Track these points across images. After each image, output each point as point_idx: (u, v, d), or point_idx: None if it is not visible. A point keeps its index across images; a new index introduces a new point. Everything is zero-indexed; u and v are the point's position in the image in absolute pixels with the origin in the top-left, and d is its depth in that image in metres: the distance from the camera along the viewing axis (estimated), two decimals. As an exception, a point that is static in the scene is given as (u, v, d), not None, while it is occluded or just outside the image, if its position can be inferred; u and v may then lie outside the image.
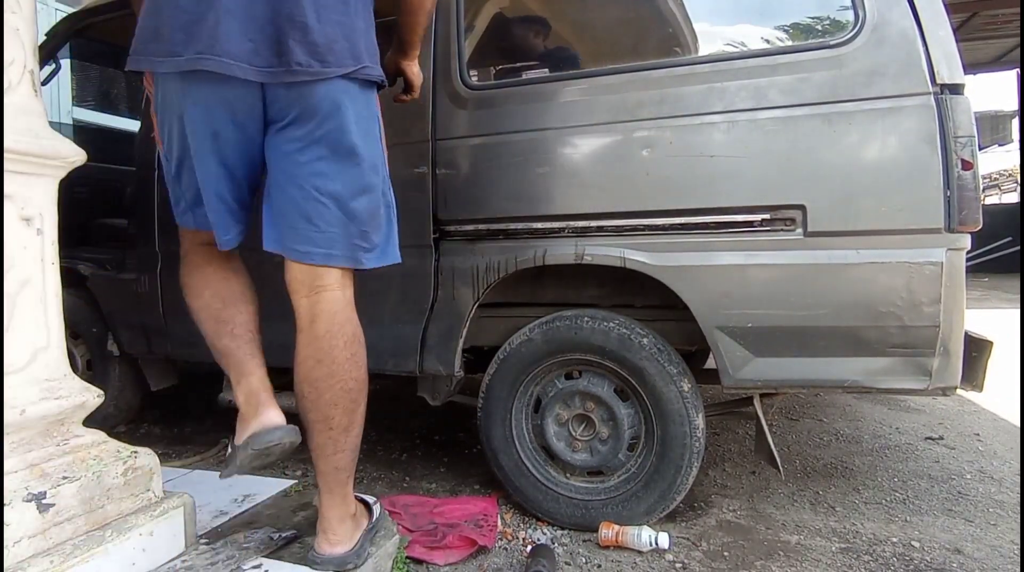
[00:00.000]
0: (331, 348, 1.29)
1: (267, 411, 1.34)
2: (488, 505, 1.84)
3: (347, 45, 1.24)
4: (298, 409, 1.33)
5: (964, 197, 1.41)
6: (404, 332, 1.86)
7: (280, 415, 1.37)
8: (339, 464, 1.31)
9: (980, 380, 1.57)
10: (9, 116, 1.12)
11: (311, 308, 1.30)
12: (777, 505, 1.91)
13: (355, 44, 1.26)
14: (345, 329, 1.31)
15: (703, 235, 1.59)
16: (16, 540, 1.03)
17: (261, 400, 1.35)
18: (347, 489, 1.35)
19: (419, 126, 1.84)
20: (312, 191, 1.26)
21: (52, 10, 4.44)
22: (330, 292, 1.30)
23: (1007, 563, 1.57)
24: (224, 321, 1.40)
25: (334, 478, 1.32)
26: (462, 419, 2.64)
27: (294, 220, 1.28)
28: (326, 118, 1.24)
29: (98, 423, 1.35)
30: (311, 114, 1.24)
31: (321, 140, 1.25)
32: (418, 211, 1.83)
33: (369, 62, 1.29)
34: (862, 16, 1.50)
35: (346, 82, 1.25)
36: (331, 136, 1.25)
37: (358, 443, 1.35)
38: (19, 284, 1.15)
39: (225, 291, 1.42)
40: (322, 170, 1.26)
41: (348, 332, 1.31)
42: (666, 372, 1.64)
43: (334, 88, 1.23)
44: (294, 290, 1.31)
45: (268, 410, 1.34)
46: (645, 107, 1.64)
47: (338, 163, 1.27)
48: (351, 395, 1.31)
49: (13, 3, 1.16)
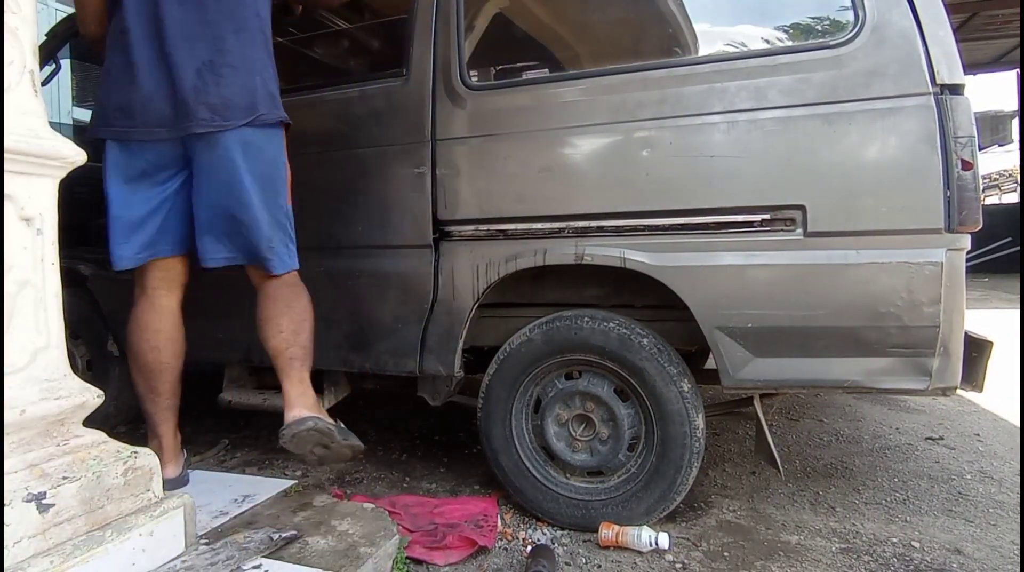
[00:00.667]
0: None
1: (165, 466, 1.66)
2: (488, 505, 1.84)
3: (245, 102, 1.62)
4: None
5: (964, 197, 1.41)
6: (404, 332, 1.86)
7: (174, 470, 1.78)
8: (293, 355, 1.69)
9: (980, 380, 1.57)
10: (9, 116, 1.12)
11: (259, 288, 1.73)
12: (777, 505, 1.90)
13: (252, 99, 1.63)
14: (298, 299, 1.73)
15: (703, 235, 1.59)
16: (16, 540, 1.03)
17: (165, 458, 1.71)
18: (303, 375, 1.70)
19: (419, 126, 1.84)
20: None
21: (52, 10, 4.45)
22: (271, 279, 1.71)
23: (1007, 563, 1.57)
24: (152, 389, 1.80)
25: (290, 365, 1.68)
26: (462, 419, 2.64)
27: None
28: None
29: (98, 423, 1.35)
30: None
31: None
32: (418, 211, 1.83)
33: (265, 110, 1.64)
34: (862, 16, 1.49)
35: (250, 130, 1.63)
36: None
37: (308, 344, 1.71)
38: (19, 284, 1.14)
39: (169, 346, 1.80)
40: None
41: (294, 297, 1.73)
42: (666, 372, 1.64)
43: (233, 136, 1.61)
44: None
45: (166, 466, 1.70)
46: (645, 107, 1.64)
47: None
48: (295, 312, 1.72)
49: (13, 3, 1.16)
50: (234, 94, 1.60)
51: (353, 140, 1.97)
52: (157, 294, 1.76)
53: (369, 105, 1.96)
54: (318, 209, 2.00)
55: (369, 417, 2.88)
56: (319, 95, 2.07)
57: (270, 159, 1.68)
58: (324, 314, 2.00)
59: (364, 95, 1.97)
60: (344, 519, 1.54)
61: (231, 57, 1.61)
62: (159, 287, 1.76)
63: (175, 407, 1.82)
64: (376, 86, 1.96)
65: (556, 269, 1.77)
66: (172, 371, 1.79)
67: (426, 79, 1.84)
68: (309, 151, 2.05)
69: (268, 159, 1.67)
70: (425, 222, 1.83)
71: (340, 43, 2.77)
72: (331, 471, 2.24)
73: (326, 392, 2.14)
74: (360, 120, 1.97)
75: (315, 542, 1.42)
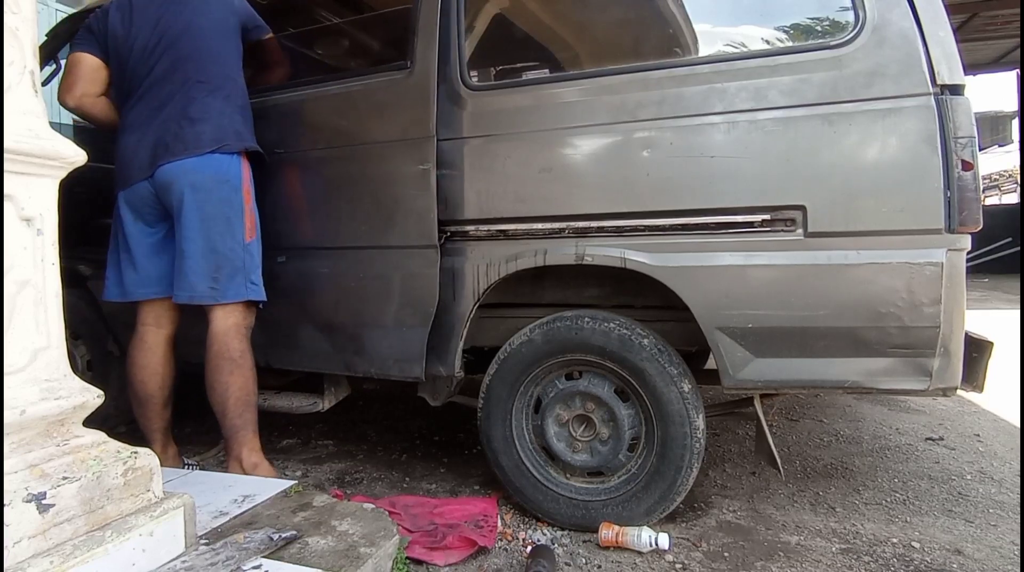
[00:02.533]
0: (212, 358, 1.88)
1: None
2: (488, 505, 1.84)
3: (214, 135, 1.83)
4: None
5: (964, 198, 1.41)
6: (410, 336, 1.85)
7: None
8: (226, 434, 1.88)
9: (980, 381, 1.57)
10: (9, 116, 1.12)
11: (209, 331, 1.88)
12: (777, 506, 1.90)
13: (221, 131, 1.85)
14: (217, 347, 1.85)
15: (704, 236, 1.59)
16: (16, 540, 1.03)
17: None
18: (238, 452, 1.87)
19: (423, 127, 1.83)
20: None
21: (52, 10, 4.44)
22: (214, 322, 1.86)
23: (1007, 564, 1.57)
24: (142, 414, 2.01)
25: (232, 437, 1.87)
26: (462, 419, 2.64)
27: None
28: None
29: (98, 423, 1.34)
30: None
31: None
32: (423, 213, 1.82)
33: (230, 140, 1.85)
34: (862, 17, 1.49)
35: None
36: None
37: (237, 423, 1.86)
38: (19, 285, 1.14)
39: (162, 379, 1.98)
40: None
41: (213, 350, 1.86)
42: (666, 373, 1.64)
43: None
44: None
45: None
46: (646, 108, 1.64)
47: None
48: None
49: (13, 3, 1.16)
50: (190, 134, 1.82)
51: (356, 135, 1.96)
52: (146, 330, 1.95)
53: (372, 99, 1.94)
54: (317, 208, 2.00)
55: (369, 417, 2.88)
56: (321, 90, 2.06)
57: (220, 198, 1.83)
58: (325, 317, 2.00)
59: (367, 89, 1.96)
60: (344, 519, 1.54)
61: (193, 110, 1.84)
62: (150, 323, 1.95)
63: (163, 429, 2.02)
64: (380, 79, 1.95)
65: (556, 269, 1.77)
66: (157, 401, 1.97)
67: (428, 79, 1.83)
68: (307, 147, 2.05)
69: (217, 198, 1.82)
70: (431, 223, 1.81)
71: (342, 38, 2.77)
72: (331, 472, 2.24)
73: (326, 392, 2.15)
74: (363, 115, 1.96)
75: (315, 542, 1.42)
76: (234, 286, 1.84)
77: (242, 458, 1.87)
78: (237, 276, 1.84)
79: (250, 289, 1.87)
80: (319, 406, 2.12)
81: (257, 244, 1.91)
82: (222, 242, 1.83)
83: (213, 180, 1.82)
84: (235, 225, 1.85)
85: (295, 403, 2.13)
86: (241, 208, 1.86)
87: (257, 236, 1.91)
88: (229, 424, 1.86)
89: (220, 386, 1.85)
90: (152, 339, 1.95)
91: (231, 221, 1.84)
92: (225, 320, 1.86)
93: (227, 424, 1.86)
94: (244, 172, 1.88)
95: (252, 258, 1.89)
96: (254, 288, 1.88)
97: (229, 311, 1.86)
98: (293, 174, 2.06)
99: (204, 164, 1.81)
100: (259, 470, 1.87)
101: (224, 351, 1.85)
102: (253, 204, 1.91)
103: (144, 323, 1.95)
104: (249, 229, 1.88)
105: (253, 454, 1.88)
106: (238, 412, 1.85)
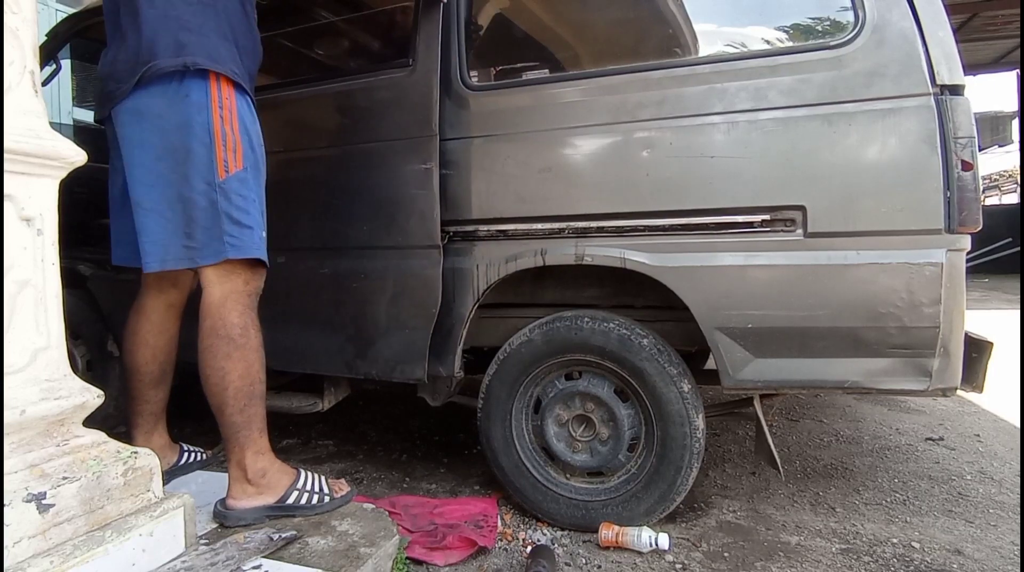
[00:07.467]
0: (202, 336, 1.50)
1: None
2: (488, 506, 1.84)
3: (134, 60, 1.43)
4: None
5: (964, 198, 1.41)
6: (412, 338, 1.84)
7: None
8: (225, 434, 1.51)
9: (980, 381, 1.57)
10: (9, 116, 1.12)
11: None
12: (777, 506, 1.90)
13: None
14: (211, 322, 1.48)
15: (703, 236, 1.59)
16: (16, 540, 1.03)
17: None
18: (240, 457, 1.51)
19: (426, 126, 1.82)
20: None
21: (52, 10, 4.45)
22: (205, 290, 1.48)
23: (1007, 564, 1.57)
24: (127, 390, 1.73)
25: (232, 438, 1.50)
26: (462, 419, 2.64)
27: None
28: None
29: (98, 423, 1.35)
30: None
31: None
32: (426, 212, 1.81)
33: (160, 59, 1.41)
34: (862, 17, 1.50)
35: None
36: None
37: (237, 421, 1.50)
38: (19, 284, 1.14)
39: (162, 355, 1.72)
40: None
41: (206, 326, 1.48)
42: (666, 373, 1.64)
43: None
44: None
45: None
46: (645, 108, 1.64)
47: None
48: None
49: (13, 3, 1.16)
50: (126, 56, 1.44)
51: (357, 134, 1.95)
52: (145, 294, 1.70)
53: (374, 98, 1.93)
54: (317, 207, 2.00)
55: (369, 417, 2.88)
56: (322, 87, 2.06)
57: (175, 126, 1.42)
58: (326, 318, 2.00)
59: (369, 88, 1.95)
60: (344, 519, 1.54)
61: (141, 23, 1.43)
62: (151, 285, 1.69)
63: (152, 413, 1.74)
64: (382, 78, 1.94)
65: (556, 269, 1.77)
66: (143, 375, 1.69)
67: (430, 79, 1.83)
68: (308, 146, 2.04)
69: (171, 126, 1.42)
70: (433, 222, 1.80)
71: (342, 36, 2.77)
72: (331, 472, 2.24)
73: (326, 392, 2.14)
74: (365, 114, 1.95)
75: (315, 542, 1.42)
76: (215, 242, 1.44)
77: (245, 464, 1.50)
78: (215, 227, 1.43)
79: (228, 244, 1.43)
80: (319, 406, 2.12)
81: (242, 181, 1.46)
82: (185, 184, 1.41)
83: (163, 101, 1.42)
84: (198, 156, 1.41)
85: (295, 403, 2.12)
86: (208, 130, 1.42)
87: (245, 168, 1.47)
88: (227, 421, 1.48)
89: (215, 373, 1.46)
90: (149, 304, 1.67)
91: (193, 152, 1.41)
92: (220, 285, 1.47)
93: (225, 421, 1.48)
94: (215, 90, 1.44)
95: (230, 200, 1.43)
96: (234, 242, 1.44)
97: (223, 274, 1.47)
98: (293, 174, 2.05)
99: (153, 88, 1.42)
100: (268, 478, 1.52)
101: (219, 326, 1.46)
102: (237, 127, 1.46)
103: (144, 285, 1.68)
104: (226, 160, 1.43)
105: (259, 458, 1.52)
106: (239, 406, 1.47)
